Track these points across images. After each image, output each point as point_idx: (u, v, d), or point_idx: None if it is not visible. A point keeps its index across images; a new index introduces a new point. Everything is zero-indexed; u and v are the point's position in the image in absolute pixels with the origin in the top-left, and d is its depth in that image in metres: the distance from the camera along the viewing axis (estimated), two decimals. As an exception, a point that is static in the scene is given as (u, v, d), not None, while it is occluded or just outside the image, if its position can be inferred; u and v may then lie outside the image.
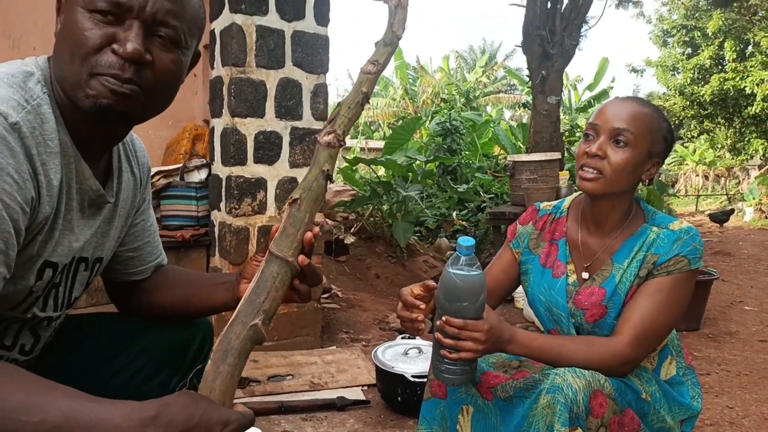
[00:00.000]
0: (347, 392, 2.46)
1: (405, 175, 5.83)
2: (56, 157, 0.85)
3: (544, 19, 5.11)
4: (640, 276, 1.28)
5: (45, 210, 0.84)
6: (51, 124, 0.84)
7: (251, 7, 2.79)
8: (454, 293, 1.12)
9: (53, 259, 0.91)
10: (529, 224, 1.49)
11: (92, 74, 0.83)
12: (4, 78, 0.81)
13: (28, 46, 3.10)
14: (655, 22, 15.76)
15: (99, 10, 0.82)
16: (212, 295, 1.12)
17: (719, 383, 2.78)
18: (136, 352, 1.14)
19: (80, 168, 0.91)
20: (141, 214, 1.15)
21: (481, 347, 1.14)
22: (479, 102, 17.26)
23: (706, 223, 11.26)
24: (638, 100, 1.33)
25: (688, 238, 1.28)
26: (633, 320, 1.24)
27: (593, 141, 1.28)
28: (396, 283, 4.59)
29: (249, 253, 2.91)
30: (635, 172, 1.28)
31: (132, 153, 1.10)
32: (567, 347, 1.23)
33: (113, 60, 0.83)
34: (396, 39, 1.03)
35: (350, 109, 0.99)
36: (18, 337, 0.95)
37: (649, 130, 1.27)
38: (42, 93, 0.85)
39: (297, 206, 0.93)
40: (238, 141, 2.84)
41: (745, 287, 5.05)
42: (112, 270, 1.14)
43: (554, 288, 1.37)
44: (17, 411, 0.67)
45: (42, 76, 0.87)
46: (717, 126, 15.24)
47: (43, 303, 0.95)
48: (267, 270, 0.90)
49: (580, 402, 1.10)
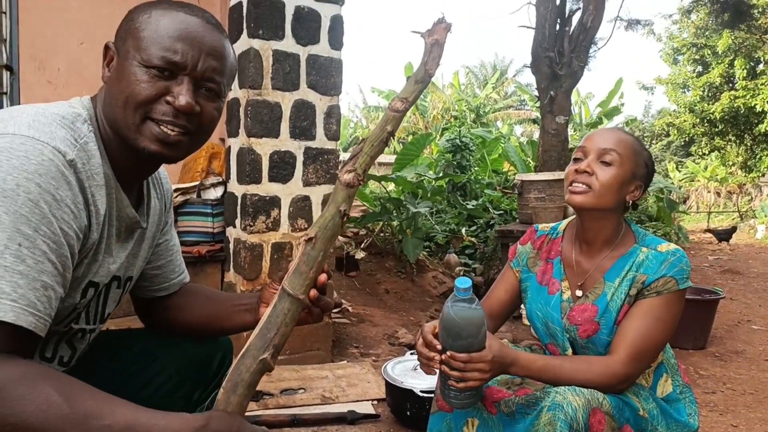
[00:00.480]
0: (357, 406, 2.52)
1: (415, 191, 5.91)
2: (102, 189, 0.95)
3: (552, 41, 5.20)
4: (630, 295, 1.36)
5: (93, 236, 0.94)
6: (97, 160, 0.94)
7: (268, 32, 2.90)
8: (456, 331, 1.19)
9: (96, 279, 1.00)
10: (528, 244, 1.59)
11: (145, 119, 0.95)
12: (57, 119, 0.90)
13: (53, 68, 3.23)
14: (666, 41, 15.82)
15: (156, 66, 0.93)
16: (234, 317, 1.22)
17: (724, 402, 2.81)
18: (161, 367, 1.22)
19: (120, 198, 1.00)
20: (164, 234, 1.25)
21: (486, 375, 1.21)
22: (489, 118, 17.35)
23: (715, 241, 11.22)
24: (622, 130, 1.45)
25: (675, 259, 1.36)
26: (627, 340, 1.31)
27: (582, 162, 1.39)
28: (405, 299, 4.65)
29: (263, 269, 3.00)
30: (621, 190, 1.37)
31: (157, 180, 1.20)
32: (566, 367, 1.30)
33: (167, 109, 0.95)
34: (428, 77, 1.01)
35: (373, 147, 0.98)
36: (57, 349, 1.03)
37: (633, 152, 1.38)
38: (88, 131, 0.95)
39: (312, 244, 0.96)
40: (254, 160, 2.93)
41: (753, 306, 5.05)
42: (138, 287, 1.23)
43: (549, 304, 1.46)
44: (88, 416, 0.77)
45: (88, 115, 0.97)
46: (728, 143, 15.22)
47: (78, 317, 1.04)
48: (279, 305, 0.95)
49: (580, 419, 1.17)
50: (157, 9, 0.97)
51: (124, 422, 0.78)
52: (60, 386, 0.78)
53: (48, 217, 0.82)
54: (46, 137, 0.85)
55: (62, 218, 0.84)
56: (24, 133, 0.83)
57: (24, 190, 0.79)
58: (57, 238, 0.83)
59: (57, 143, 0.86)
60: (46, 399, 0.75)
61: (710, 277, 6.54)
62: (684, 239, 9.22)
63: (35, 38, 3.17)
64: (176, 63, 0.94)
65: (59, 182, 0.84)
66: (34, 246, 0.80)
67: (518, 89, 18.19)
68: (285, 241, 3.05)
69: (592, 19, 5.19)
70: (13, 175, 0.79)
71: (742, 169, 16.27)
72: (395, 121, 0.99)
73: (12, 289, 0.77)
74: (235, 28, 3.01)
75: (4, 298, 0.77)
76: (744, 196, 18.21)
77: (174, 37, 0.94)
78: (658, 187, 8.83)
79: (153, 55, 0.93)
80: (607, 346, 1.37)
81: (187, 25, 0.95)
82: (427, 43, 1.01)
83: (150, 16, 0.95)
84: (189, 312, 1.25)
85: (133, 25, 0.96)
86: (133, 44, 0.94)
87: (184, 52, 0.94)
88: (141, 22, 0.95)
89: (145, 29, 0.94)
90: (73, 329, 1.04)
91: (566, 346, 1.43)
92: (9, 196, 0.78)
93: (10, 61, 3.11)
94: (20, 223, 0.79)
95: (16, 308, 0.78)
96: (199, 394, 1.27)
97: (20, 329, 0.79)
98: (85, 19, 3.25)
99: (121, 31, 0.98)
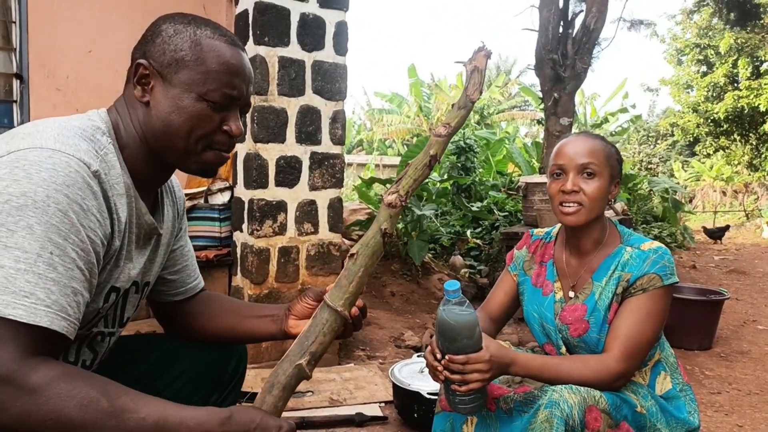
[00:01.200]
0: (365, 408, 2.54)
1: (420, 193, 5.93)
2: (123, 197, 0.99)
3: (556, 44, 5.21)
4: (617, 293, 1.41)
5: (116, 243, 0.99)
6: (117, 170, 0.98)
7: (274, 39, 2.94)
8: (451, 334, 1.22)
9: (117, 284, 1.04)
10: (524, 249, 1.65)
11: (206, 148, 1.04)
12: (78, 132, 0.95)
13: (62, 76, 3.28)
14: (669, 41, 15.80)
15: (215, 101, 1.01)
16: (258, 326, 1.26)
17: (730, 402, 2.82)
18: (179, 372, 1.26)
19: (138, 206, 1.05)
20: (179, 240, 1.28)
21: (487, 375, 1.24)
22: (493, 119, 17.35)
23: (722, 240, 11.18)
24: (587, 134, 1.49)
25: (657, 257, 1.40)
26: (620, 337, 1.36)
27: (564, 179, 1.43)
28: (411, 301, 4.67)
29: (270, 273, 3.03)
30: (605, 197, 1.44)
31: (169, 187, 1.24)
32: (564, 366, 1.34)
33: (225, 138, 1.05)
34: (470, 103, 1.04)
35: (417, 170, 1.02)
36: (79, 353, 1.07)
37: (606, 157, 1.44)
38: (108, 143, 0.99)
39: (353, 260, 1.01)
40: (261, 165, 2.96)
41: (759, 306, 5.05)
42: (156, 291, 1.27)
43: (544, 305, 1.52)
44: (125, 410, 0.83)
45: (106, 128, 1.01)
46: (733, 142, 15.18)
47: (98, 321, 1.08)
48: (319, 317, 1.02)
49: (576, 416, 1.20)
50: (204, 38, 1.01)
51: (156, 415, 0.85)
52: (96, 383, 0.84)
53: (76, 226, 0.86)
54: (71, 150, 0.89)
55: (89, 227, 0.89)
56: (51, 146, 0.88)
57: (54, 201, 0.84)
58: (85, 246, 0.88)
59: (82, 155, 0.90)
60: (86, 395, 0.81)
61: (716, 277, 6.53)
62: (690, 239, 9.21)
63: (44, 47, 3.22)
64: (234, 97, 1.03)
65: (86, 192, 0.88)
66: (64, 254, 0.85)
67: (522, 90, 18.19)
68: (292, 245, 3.08)
69: (595, 21, 5.21)
70: (43, 187, 0.84)
71: (747, 169, 16.23)
72: (439, 146, 1.03)
73: (46, 296, 0.82)
74: (241, 35, 3.04)
75: (39, 304, 0.82)
76: (750, 195, 18.16)
77: (231, 72, 1.02)
78: (663, 187, 8.83)
79: (216, 91, 1.00)
80: (597, 344, 1.41)
81: (237, 59, 1.03)
82: (468, 71, 1.05)
83: (201, 48, 1.00)
84: (210, 320, 1.29)
85: (185, 56, 1.00)
86: (190, 77, 1.00)
87: (240, 87, 1.04)
88: (194, 54, 1.00)
89: (201, 63, 1.00)
90: (92, 333, 1.08)
91: (560, 345, 1.49)
92: (40, 207, 0.83)
93: (20, 69, 3.16)
94: (51, 232, 0.83)
95: (50, 313, 0.83)
96: (216, 398, 1.31)
97: (54, 333, 0.84)
98: (93, 27, 3.29)
99: (165, 56, 1.00)
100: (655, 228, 8.13)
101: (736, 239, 11.54)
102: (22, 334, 0.80)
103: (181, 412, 0.87)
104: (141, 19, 3.21)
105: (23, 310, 0.80)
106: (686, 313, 3.60)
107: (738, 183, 17.94)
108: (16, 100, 3.16)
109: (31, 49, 3.18)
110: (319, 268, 3.17)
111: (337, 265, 3.25)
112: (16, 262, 0.80)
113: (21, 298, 0.80)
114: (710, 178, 18.67)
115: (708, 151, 16.37)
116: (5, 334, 0.79)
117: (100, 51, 3.31)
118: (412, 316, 4.35)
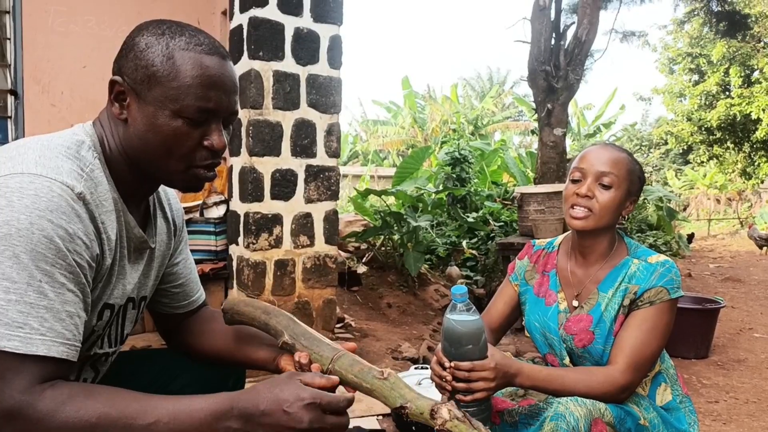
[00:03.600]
0: (363, 422, 2.53)
1: (415, 204, 5.94)
2: (111, 214, 0.98)
3: (548, 55, 5.26)
4: (623, 305, 1.41)
5: (106, 262, 0.98)
6: (104, 186, 0.97)
7: (268, 53, 2.95)
8: (458, 339, 1.22)
9: (111, 301, 1.03)
10: (525, 259, 1.65)
11: (190, 167, 1.00)
12: (61, 150, 0.93)
13: (57, 91, 3.28)
14: (661, 51, 15.94)
15: (190, 117, 0.96)
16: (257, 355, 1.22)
17: (727, 411, 2.82)
18: (181, 386, 1.24)
19: (127, 219, 1.04)
20: (180, 253, 1.27)
21: (492, 384, 1.23)
22: (487, 130, 17.43)
23: (717, 248, 11.23)
24: (614, 146, 1.49)
25: (664, 270, 1.40)
26: (625, 350, 1.35)
27: (581, 184, 1.43)
28: (408, 312, 4.66)
29: (266, 286, 3.02)
30: (618, 209, 1.43)
31: (165, 200, 1.23)
32: (569, 377, 1.33)
33: (206, 153, 1.00)
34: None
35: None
36: (81, 372, 1.07)
37: (628, 171, 1.43)
38: (93, 158, 0.97)
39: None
40: (256, 179, 2.97)
41: (754, 314, 5.06)
42: (158, 302, 1.26)
43: (547, 315, 1.51)
44: (135, 416, 0.84)
45: (91, 142, 0.99)
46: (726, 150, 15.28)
47: (101, 341, 1.08)
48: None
49: (581, 429, 1.20)
50: (177, 50, 0.95)
51: (168, 413, 0.86)
52: (102, 398, 0.85)
53: (63, 251, 0.86)
54: (53, 173, 0.88)
55: (75, 251, 0.88)
56: (32, 171, 0.86)
57: (38, 228, 0.83)
58: (73, 269, 0.87)
59: (64, 178, 0.88)
60: (94, 412, 0.82)
61: (711, 286, 6.55)
62: (684, 248, 9.24)
63: (39, 62, 3.22)
64: (211, 110, 0.97)
65: (70, 216, 0.87)
66: (53, 280, 0.84)
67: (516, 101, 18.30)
68: (288, 258, 3.08)
69: (587, 33, 5.26)
70: (26, 214, 0.83)
71: (741, 176, 16.32)
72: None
73: (39, 324, 0.82)
74: (236, 50, 3.06)
75: (34, 334, 0.82)
76: (743, 203, 18.25)
77: (206, 85, 0.96)
78: (657, 195, 8.86)
79: (190, 106, 0.95)
80: (602, 355, 1.41)
81: (214, 68, 0.97)
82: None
83: (174, 62, 0.94)
84: (210, 340, 1.27)
85: (157, 72, 0.94)
86: (163, 93, 0.95)
87: (217, 99, 0.97)
88: (167, 69, 0.94)
89: (174, 78, 0.94)
90: (97, 354, 1.08)
91: (564, 356, 1.48)
92: (24, 235, 0.82)
93: (15, 85, 3.17)
94: (38, 260, 0.83)
95: (47, 341, 0.83)
96: None
97: (53, 359, 0.84)
98: (87, 42, 3.31)
99: (137, 72, 0.96)
100: (650, 236, 8.16)
101: (731, 247, 11.57)
102: (23, 365, 0.80)
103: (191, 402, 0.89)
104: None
105: (19, 342, 0.80)
106: (682, 322, 3.60)
107: (731, 191, 18.03)
108: (10, 116, 3.17)
109: (26, 65, 3.19)
110: (315, 280, 3.17)
111: (333, 278, 3.25)
112: (6, 293, 0.80)
113: (15, 330, 0.80)
114: (704, 186, 18.76)
115: (701, 159, 16.46)
116: (7, 367, 0.80)
117: (95, 66, 3.32)
118: (408, 327, 4.34)
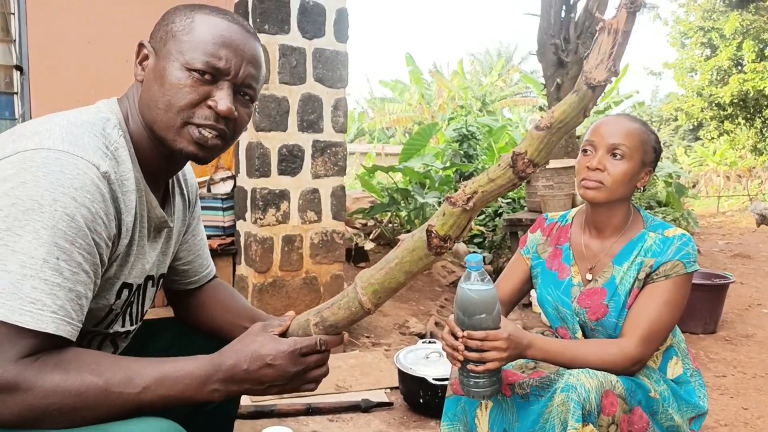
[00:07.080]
0: (371, 395, 2.56)
1: (422, 181, 5.92)
2: (133, 194, 0.97)
3: (558, 28, 5.18)
4: (639, 279, 1.40)
5: (123, 243, 0.98)
6: (127, 165, 0.96)
7: (274, 26, 2.92)
8: (472, 308, 1.22)
9: (129, 280, 1.04)
10: (538, 232, 1.63)
11: (187, 123, 0.97)
12: (88, 128, 0.93)
13: (63, 66, 3.26)
14: (672, 24, 15.67)
15: (199, 70, 0.95)
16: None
17: (735, 385, 2.82)
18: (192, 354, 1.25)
19: (149, 199, 1.03)
20: (193, 230, 1.28)
21: (504, 354, 1.23)
22: (495, 106, 17.28)
23: (726, 225, 11.16)
24: (628, 116, 1.46)
25: (681, 243, 1.39)
26: (639, 322, 1.35)
27: (592, 156, 1.41)
28: (414, 288, 4.68)
29: (273, 262, 3.03)
30: (632, 181, 1.41)
31: (182, 176, 1.22)
32: (581, 350, 1.33)
33: (209, 113, 0.97)
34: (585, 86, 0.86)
35: (495, 172, 0.90)
36: (101, 347, 1.08)
37: (641, 142, 1.40)
38: (119, 137, 0.97)
39: (396, 247, 0.96)
40: (263, 154, 2.96)
41: (763, 290, 5.04)
42: (169, 280, 1.27)
43: (560, 288, 1.50)
44: (123, 384, 0.84)
45: (116, 119, 0.99)
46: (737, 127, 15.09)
47: (122, 320, 1.09)
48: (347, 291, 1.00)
49: (593, 400, 1.20)
50: (200, 14, 0.98)
51: (154, 377, 0.87)
52: (88, 365, 0.85)
53: (84, 230, 0.85)
54: (80, 150, 0.87)
55: (95, 230, 0.88)
56: (58, 147, 0.86)
57: (61, 205, 0.83)
58: (91, 249, 0.87)
59: (90, 156, 0.88)
60: (81, 381, 0.82)
61: (720, 262, 6.52)
62: (694, 224, 9.18)
63: (44, 38, 3.20)
64: (219, 68, 0.96)
65: (94, 195, 0.87)
66: (70, 258, 0.84)
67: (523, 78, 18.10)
68: (295, 233, 3.08)
69: (598, 5, 5.16)
70: (50, 191, 0.82)
71: (751, 153, 16.14)
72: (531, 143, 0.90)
73: (52, 302, 0.82)
74: (242, 23, 3.02)
75: (45, 310, 0.82)
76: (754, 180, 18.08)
77: (218, 43, 0.96)
78: (667, 172, 8.79)
79: (197, 59, 0.95)
80: (615, 328, 1.40)
81: (231, 32, 0.98)
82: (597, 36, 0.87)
83: (193, 21, 0.97)
84: (213, 314, 1.29)
85: (175, 28, 0.97)
86: (176, 47, 0.96)
87: (228, 59, 0.96)
88: (184, 25, 0.97)
89: (188, 33, 0.96)
90: (119, 332, 1.08)
91: (576, 329, 1.47)
92: (47, 211, 0.82)
93: (20, 60, 3.15)
94: (58, 237, 0.82)
95: (57, 319, 0.83)
96: None
97: (58, 336, 0.84)
98: (92, 18, 3.28)
99: (159, 32, 0.99)
100: (658, 213, 8.10)
101: (740, 224, 11.49)
102: (26, 338, 0.81)
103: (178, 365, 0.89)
104: (141, 9, 3.20)
105: (30, 317, 0.80)
106: (691, 297, 3.53)
107: (742, 167, 17.85)
108: (16, 92, 3.16)
109: (31, 41, 3.16)
110: (322, 256, 3.17)
111: (341, 253, 3.25)
112: (23, 267, 0.80)
113: (28, 305, 0.80)
114: (714, 162, 18.59)
115: (712, 136, 16.28)
116: (8, 338, 0.80)
117: (101, 41, 3.29)
118: (416, 303, 4.36)
